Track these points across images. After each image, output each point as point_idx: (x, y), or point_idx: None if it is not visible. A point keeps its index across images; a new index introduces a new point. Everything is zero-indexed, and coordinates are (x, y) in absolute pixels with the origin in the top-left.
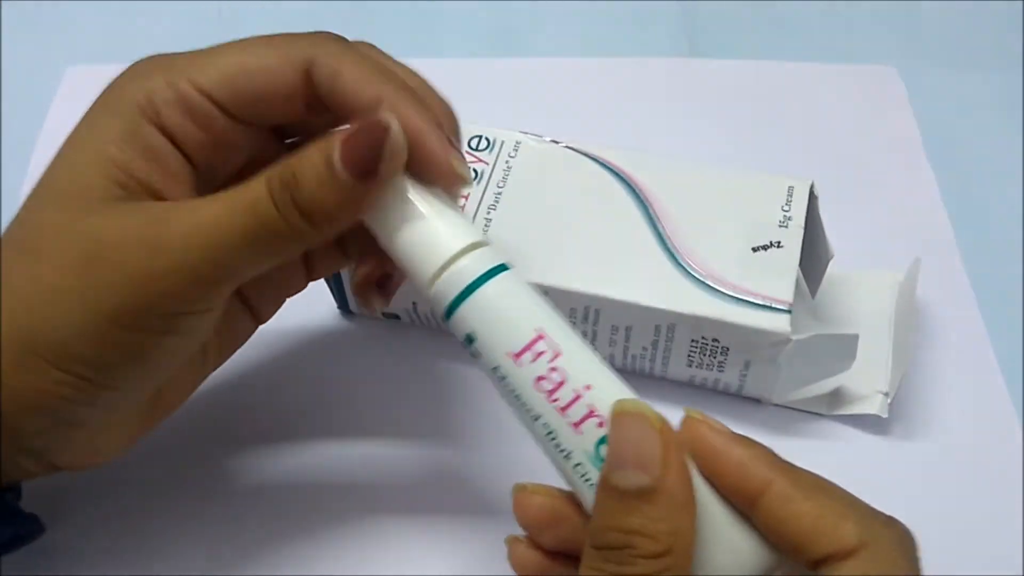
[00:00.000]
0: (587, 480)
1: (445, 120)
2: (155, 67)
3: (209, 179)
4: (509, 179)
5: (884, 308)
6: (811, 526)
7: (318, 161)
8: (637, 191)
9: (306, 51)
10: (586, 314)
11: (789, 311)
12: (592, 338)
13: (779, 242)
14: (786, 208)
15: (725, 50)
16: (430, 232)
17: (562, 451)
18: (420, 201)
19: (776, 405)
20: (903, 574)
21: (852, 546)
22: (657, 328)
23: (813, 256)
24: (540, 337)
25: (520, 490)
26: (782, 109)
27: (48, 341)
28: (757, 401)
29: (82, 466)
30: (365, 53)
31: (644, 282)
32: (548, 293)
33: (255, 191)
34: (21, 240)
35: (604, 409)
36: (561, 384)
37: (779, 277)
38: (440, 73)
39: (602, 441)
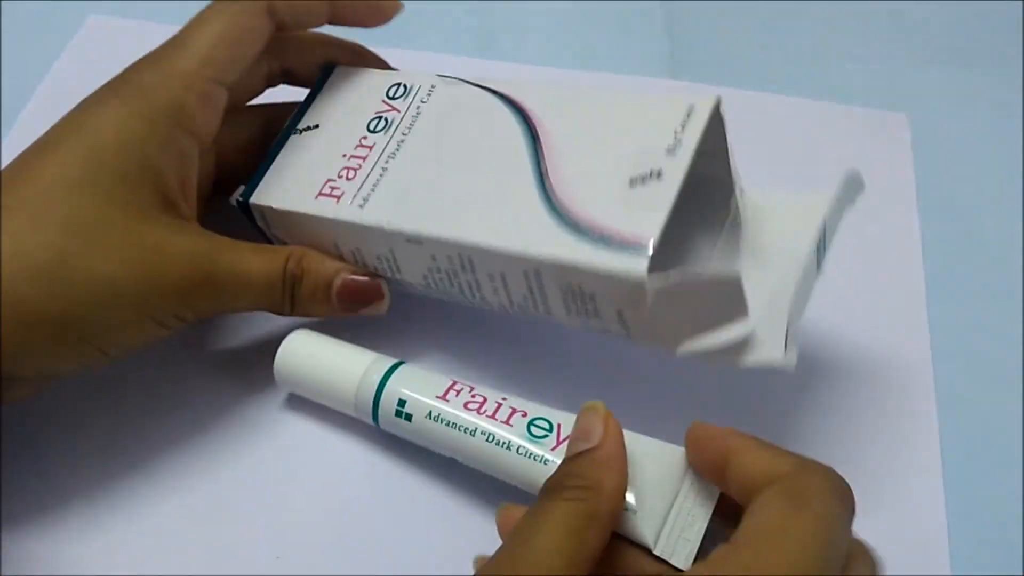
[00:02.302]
0: (531, 456)
1: None
2: (170, 71)
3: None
4: (415, 125)
5: (803, 242)
6: (759, 468)
7: (322, 283)
8: (531, 126)
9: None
10: (462, 263)
11: (650, 254)
12: (476, 287)
13: (659, 171)
14: (680, 131)
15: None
16: (337, 370)
17: (502, 444)
18: (324, 352)
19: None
20: (828, 498)
21: (785, 472)
22: (526, 274)
23: (718, 186)
24: (455, 382)
25: (504, 509)
26: (773, 144)
27: (94, 327)
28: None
29: (18, 400)
30: None
31: (511, 226)
32: (424, 243)
33: (275, 271)
34: (76, 227)
35: (521, 406)
36: (484, 401)
37: (649, 213)
38: (416, 66)
39: (531, 423)
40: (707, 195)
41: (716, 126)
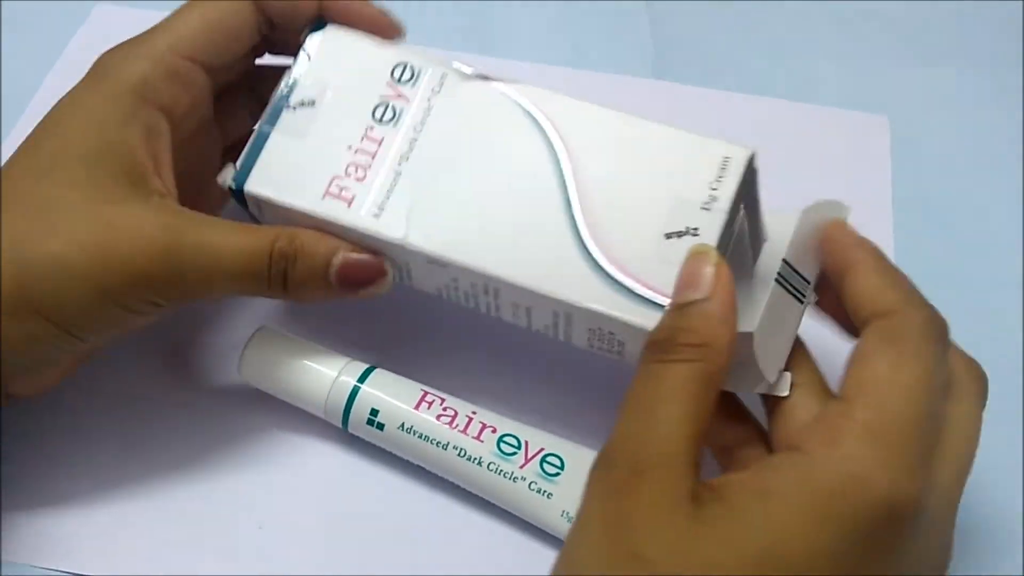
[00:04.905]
0: (500, 472)
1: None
2: (137, 51)
3: (180, 137)
4: (428, 124)
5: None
6: (867, 296)
7: (320, 263)
8: (558, 150)
9: None
10: (486, 289)
11: None
12: (496, 309)
13: (696, 229)
14: (715, 186)
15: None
16: (308, 373)
17: (472, 459)
18: (293, 353)
19: None
20: (927, 342)
21: (888, 309)
22: (555, 313)
23: (750, 237)
24: (426, 392)
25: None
26: (754, 145)
27: (51, 305)
28: None
29: (26, 396)
30: None
31: (544, 267)
32: (448, 267)
33: (260, 249)
34: (35, 211)
35: (491, 421)
36: (455, 415)
37: None
38: None
39: (501, 439)
40: (738, 246)
41: (749, 177)
